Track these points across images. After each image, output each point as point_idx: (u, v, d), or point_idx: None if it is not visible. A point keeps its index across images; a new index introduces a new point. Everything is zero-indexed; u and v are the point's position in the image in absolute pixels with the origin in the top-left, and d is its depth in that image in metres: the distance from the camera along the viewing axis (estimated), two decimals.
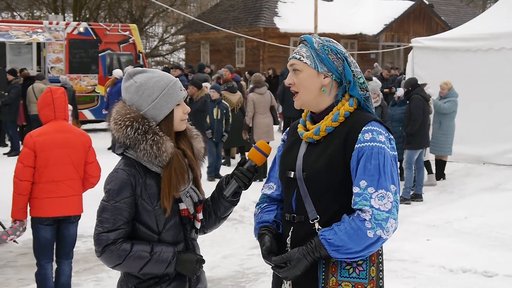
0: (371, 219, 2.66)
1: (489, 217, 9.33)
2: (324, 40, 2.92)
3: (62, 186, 5.66)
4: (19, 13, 35.25)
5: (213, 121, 12.27)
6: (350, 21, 32.75)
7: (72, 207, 5.74)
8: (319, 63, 2.87)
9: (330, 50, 2.88)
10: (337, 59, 2.88)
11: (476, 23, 15.47)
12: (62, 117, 5.76)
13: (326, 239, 2.71)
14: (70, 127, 5.85)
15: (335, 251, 2.70)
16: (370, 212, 2.67)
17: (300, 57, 2.89)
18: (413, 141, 10.88)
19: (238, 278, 7.09)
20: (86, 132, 6.25)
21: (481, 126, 13.75)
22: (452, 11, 38.31)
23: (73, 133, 5.79)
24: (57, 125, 5.72)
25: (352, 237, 2.67)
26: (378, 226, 2.66)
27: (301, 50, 2.91)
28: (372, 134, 2.78)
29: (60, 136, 5.68)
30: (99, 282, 6.91)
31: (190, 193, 3.00)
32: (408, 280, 6.83)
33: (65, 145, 5.67)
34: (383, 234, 2.67)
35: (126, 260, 2.83)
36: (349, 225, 2.69)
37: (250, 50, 32.21)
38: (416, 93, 10.99)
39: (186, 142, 3.04)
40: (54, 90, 5.80)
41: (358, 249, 2.69)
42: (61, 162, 5.65)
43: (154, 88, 2.91)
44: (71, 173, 5.71)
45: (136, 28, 22.06)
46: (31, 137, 5.65)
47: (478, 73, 13.86)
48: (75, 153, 5.72)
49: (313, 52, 2.88)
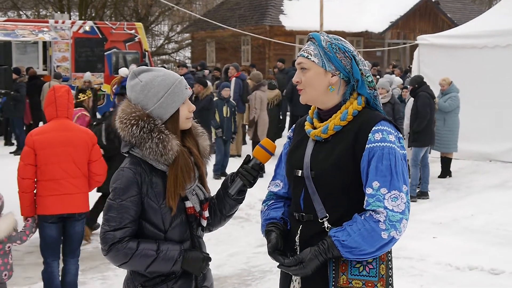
0: (386, 221, 2.67)
1: (496, 215, 9.31)
2: (332, 38, 2.90)
3: (65, 184, 5.68)
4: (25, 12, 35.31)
5: (223, 119, 12.41)
6: (356, 19, 32.67)
7: (75, 205, 5.75)
8: (326, 62, 2.86)
9: (338, 48, 2.87)
10: (345, 58, 2.87)
11: (482, 20, 15.41)
12: (64, 115, 5.77)
13: (339, 241, 2.71)
14: (71, 125, 5.85)
15: (348, 253, 2.71)
16: (384, 213, 2.67)
17: (308, 55, 2.88)
18: (419, 138, 10.86)
19: (244, 276, 7.09)
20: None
21: (487, 123, 13.72)
22: (458, 8, 38.18)
23: (74, 131, 5.79)
24: (58, 124, 5.75)
25: (366, 238, 2.68)
26: (393, 227, 2.68)
27: (309, 48, 2.90)
28: (382, 134, 2.77)
29: (60, 135, 5.69)
30: (105, 281, 6.92)
31: (196, 191, 3.00)
32: (414, 278, 6.82)
33: (66, 143, 5.68)
34: (396, 235, 2.69)
35: (132, 258, 2.83)
36: (363, 226, 2.69)
37: (256, 48, 32.18)
38: (423, 90, 10.97)
39: (191, 140, 3.04)
40: (57, 88, 5.81)
41: (372, 250, 2.70)
42: (62, 160, 5.66)
43: (159, 87, 2.91)
44: (73, 171, 5.72)
45: (142, 27, 22.07)
46: (31, 135, 5.72)
47: (485, 70, 13.81)
48: (76, 151, 5.72)
49: (321, 51, 2.87)
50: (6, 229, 5.18)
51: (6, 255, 5.25)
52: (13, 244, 5.32)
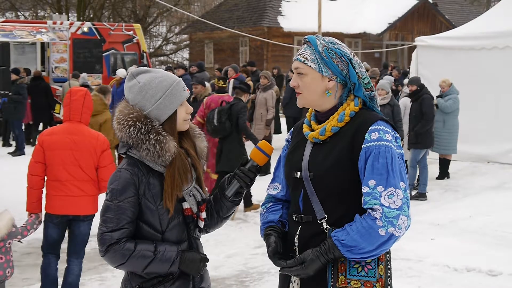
0: (382, 217, 2.67)
1: (494, 216, 9.31)
2: (329, 42, 2.89)
3: (69, 186, 5.70)
4: (23, 13, 35.32)
5: None
6: (354, 20, 32.73)
7: (80, 207, 5.77)
8: (323, 67, 2.86)
9: (334, 53, 2.86)
10: (342, 62, 2.87)
11: (480, 21, 15.42)
12: (77, 119, 5.79)
13: (339, 240, 2.72)
14: (81, 129, 5.82)
15: (349, 252, 2.71)
16: (380, 210, 2.68)
17: (305, 60, 2.88)
18: (421, 140, 10.88)
19: (242, 277, 7.09)
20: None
21: (485, 124, 13.72)
22: (456, 10, 38.25)
23: (83, 135, 5.78)
24: (69, 127, 5.79)
25: (364, 236, 2.68)
26: (390, 223, 2.67)
27: (305, 53, 2.89)
28: (378, 133, 2.78)
29: (66, 138, 5.72)
30: (104, 282, 6.92)
31: (193, 192, 3.01)
32: (412, 279, 6.82)
33: (71, 147, 5.70)
34: (395, 231, 2.68)
35: (130, 259, 2.83)
36: (361, 224, 2.70)
37: (254, 49, 32.20)
38: (426, 92, 11.03)
39: (189, 141, 3.05)
40: (74, 91, 5.85)
41: (371, 248, 2.70)
42: (67, 163, 5.69)
43: (157, 88, 2.91)
44: (79, 175, 5.74)
45: (140, 28, 22.08)
46: (42, 135, 5.82)
47: (482, 72, 13.82)
48: (82, 155, 5.72)
49: (318, 55, 2.87)
50: (6, 226, 5.20)
51: (7, 252, 5.29)
52: (13, 240, 5.33)
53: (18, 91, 15.47)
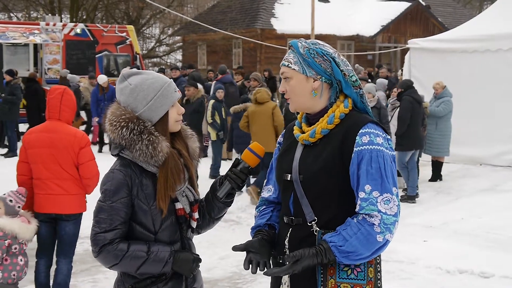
0: (380, 224, 2.68)
1: (486, 218, 9.33)
2: (310, 44, 2.90)
3: (50, 185, 5.67)
4: (15, 14, 35.24)
5: (223, 120, 12.47)
6: (347, 22, 32.80)
7: (61, 206, 5.72)
8: (306, 68, 2.87)
9: (316, 53, 2.87)
10: (324, 61, 2.87)
11: (473, 24, 15.48)
12: (56, 117, 5.74)
13: (336, 246, 2.70)
14: (59, 127, 5.73)
15: (345, 258, 2.71)
16: (379, 217, 2.68)
17: (289, 63, 2.89)
18: (403, 142, 10.81)
19: (235, 279, 7.09)
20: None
21: (477, 127, 13.75)
22: (449, 13, 38.37)
23: (60, 133, 5.69)
24: (48, 125, 5.76)
25: (363, 242, 2.68)
26: (387, 230, 2.69)
27: (289, 57, 2.91)
28: (369, 136, 2.77)
29: (44, 136, 5.68)
30: (96, 283, 6.90)
31: (186, 192, 3.01)
32: (405, 282, 6.83)
33: (49, 145, 5.65)
34: (390, 237, 2.71)
35: (123, 260, 2.84)
36: (359, 230, 2.69)
37: (247, 51, 32.22)
38: (407, 94, 10.92)
39: (181, 142, 3.06)
40: (52, 90, 5.82)
41: (368, 254, 2.72)
42: (47, 161, 5.66)
43: (149, 90, 2.92)
44: (60, 173, 5.68)
45: (133, 29, 22.07)
46: (25, 134, 5.86)
47: (475, 75, 13.86)
48: (60, 153, 5.65)
49: (300, 57, 2.88)
50: (19, 227, 5.35)
51: (15, 256, 5.42)
52: (21, 245, 5.47)
53: (12, 91, 15.42)
